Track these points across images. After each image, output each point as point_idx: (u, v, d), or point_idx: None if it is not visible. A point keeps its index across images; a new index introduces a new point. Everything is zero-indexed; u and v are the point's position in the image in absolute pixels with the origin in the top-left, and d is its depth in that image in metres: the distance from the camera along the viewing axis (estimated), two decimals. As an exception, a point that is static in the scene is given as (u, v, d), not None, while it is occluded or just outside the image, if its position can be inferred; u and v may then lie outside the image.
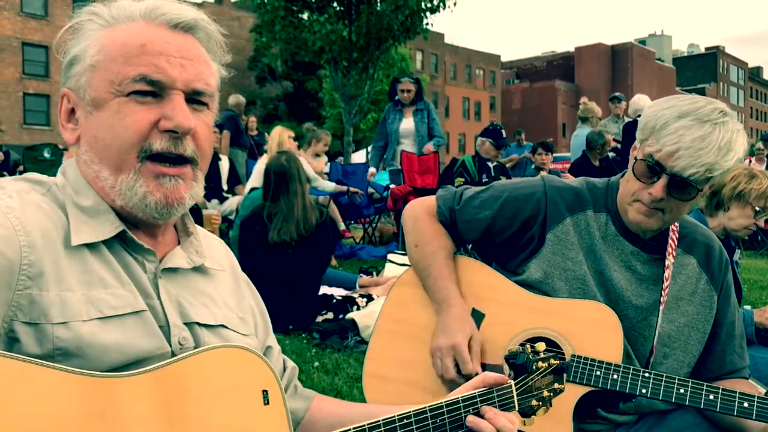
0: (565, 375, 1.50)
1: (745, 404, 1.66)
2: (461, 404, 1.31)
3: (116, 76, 1.13)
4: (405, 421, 1.22)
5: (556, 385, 1.47)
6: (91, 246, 1.12)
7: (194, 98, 1.18)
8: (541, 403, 1.44)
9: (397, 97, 8.60)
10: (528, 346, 1.46)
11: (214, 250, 1.38)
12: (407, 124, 8.54)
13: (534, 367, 1.43)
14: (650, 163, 1.73)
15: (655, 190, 1.73)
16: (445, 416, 1.28)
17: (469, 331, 1.87)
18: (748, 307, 3.66)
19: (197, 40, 1.21)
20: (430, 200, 2.09)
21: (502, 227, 1.97)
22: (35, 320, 1.01)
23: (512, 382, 1.40)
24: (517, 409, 1.40)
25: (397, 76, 8.98)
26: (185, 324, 1.19)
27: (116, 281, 1.12)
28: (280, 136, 7.81)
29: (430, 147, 8.41)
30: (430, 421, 1.26)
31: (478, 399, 1.33)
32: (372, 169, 9.13)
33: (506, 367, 1.87)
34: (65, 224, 1.12)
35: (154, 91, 1.14)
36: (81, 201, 1.16)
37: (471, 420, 1.31)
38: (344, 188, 8.48)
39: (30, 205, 1.10)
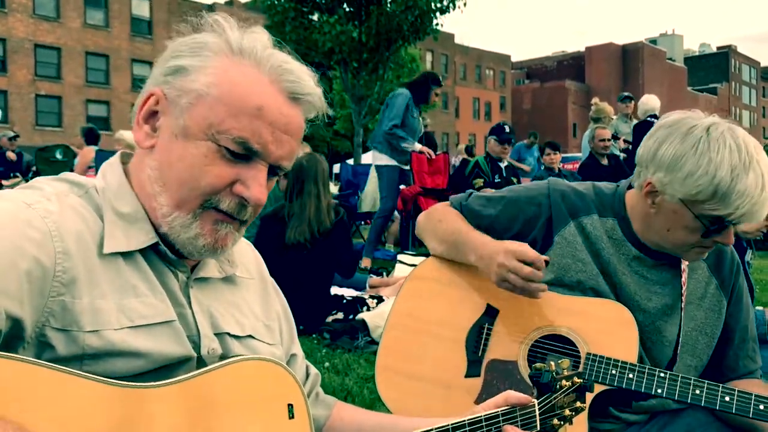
0: (587, 393, 1.49)
1: (761, 407, 1.66)
2: (483, 422, 1.31)
3: (219, 124, 1.10)
4: None
5: (578, 404, 1.46)
6: (124, 253, 1.11)
7: (275, 169, 1.18)
8: (562, 422, 1.44)
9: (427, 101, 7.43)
10: (552, 363, 1.44)
11: (244, 256, 1.38)
12: (422, 127, 7.61)
13: (558, 386, 1.42)
14: (721, 224, 1.71)
15: (728, 240, 1.75)
16: None
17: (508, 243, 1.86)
18: (760, 308, 3.63)
19: (309, 107, 1.20)
20: (443, 202, 2.15)
21: (505, 227, 1.98)
22: (67, 327, 1.01)
23: (535, 402, 1.39)
24: (538, 428, 1.39)
25: (437, 77, 7.50)
26: (216, 334, 1.20)
27: (148, 290, 1.12)
28: None
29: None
30: None
31: (501, 418, 1.34)
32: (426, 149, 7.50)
33: (521, 366, 1.87)
34: (101, 229, 1.11)
35: (246, 154, 1.12)
36: (120, 207, 1.14)
37: None
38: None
39: (68, 209, 1.09)
